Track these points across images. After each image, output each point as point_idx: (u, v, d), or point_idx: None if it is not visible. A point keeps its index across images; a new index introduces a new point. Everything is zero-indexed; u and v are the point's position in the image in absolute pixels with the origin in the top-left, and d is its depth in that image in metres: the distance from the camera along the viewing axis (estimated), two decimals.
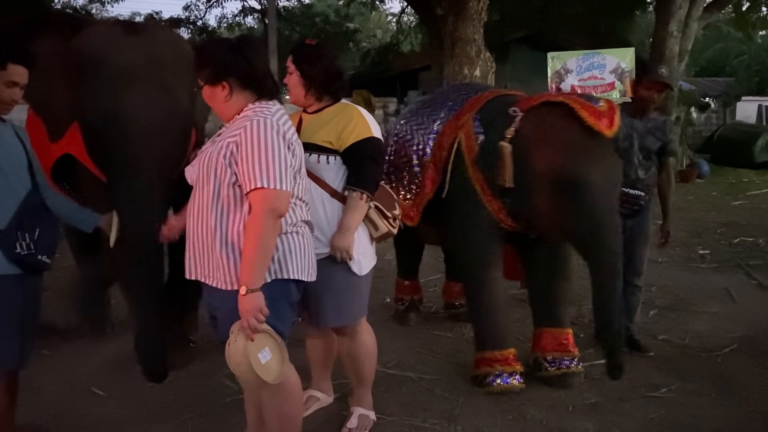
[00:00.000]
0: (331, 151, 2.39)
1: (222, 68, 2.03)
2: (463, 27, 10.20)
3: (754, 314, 4.04)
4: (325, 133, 2.40)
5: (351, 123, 2.40)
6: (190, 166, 2.15)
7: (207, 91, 2.09)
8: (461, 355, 3.48)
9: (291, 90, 2.47)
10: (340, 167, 2.42)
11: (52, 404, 2.99)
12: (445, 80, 10.59)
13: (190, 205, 2.11)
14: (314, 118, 2.48)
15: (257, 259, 1.92)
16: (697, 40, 14.52)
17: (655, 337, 3.69)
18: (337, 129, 2.39)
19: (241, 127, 1.98)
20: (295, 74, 2.44)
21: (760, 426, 2.68)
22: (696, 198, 9.20)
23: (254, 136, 1.94)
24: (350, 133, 2.39)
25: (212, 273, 2.05)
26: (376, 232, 2.53)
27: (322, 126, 2.42)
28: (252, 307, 1.91)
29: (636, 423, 2.72)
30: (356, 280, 2.49)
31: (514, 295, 4.44)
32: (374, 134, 2.44)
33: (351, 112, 2.46)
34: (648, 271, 5.13)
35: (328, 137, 2.39)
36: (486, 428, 2.70)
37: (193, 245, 2.09)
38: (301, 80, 2.44)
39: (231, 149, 1.98)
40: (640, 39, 14.42)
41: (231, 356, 1.96)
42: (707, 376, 3.18)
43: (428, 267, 5.38)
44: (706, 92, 17.57)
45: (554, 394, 2.99)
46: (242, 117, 2.04)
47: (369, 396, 2.75)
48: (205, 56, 2.06)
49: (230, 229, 2.00)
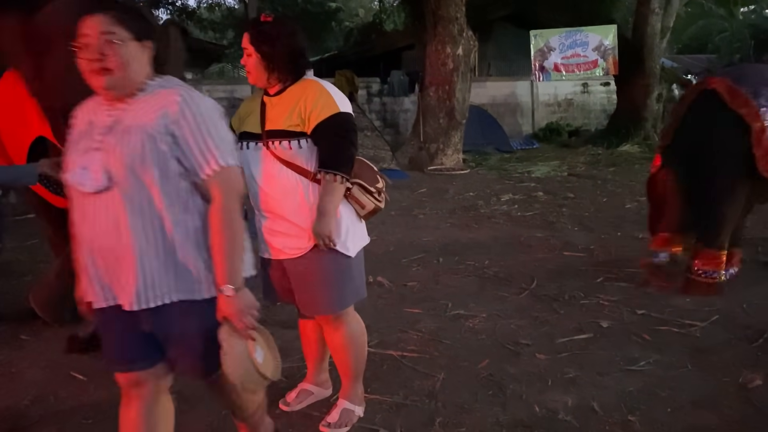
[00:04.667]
0: (300, 134, 2.23)
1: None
2: (445, 6, 10.17)
3: (732, 289, 4.08)
4: (291, 116, 2.23)
5: (315, 99, 2.22)
6: (81, 169, 1.66)
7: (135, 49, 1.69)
8: (443, 332, 3.50)
9: (251, 73, 2.27)
10: (313, 148, 2.26)
11: (32, 388, 2.97)
12: (427, 59, 10.57)
13: (104, 220, 1.66)
14: (277, 101, 2.30)
15: (237, 251, 1.72)
16: (679, 17, 14.57)
17: (634, 311, 3.72)
18: (302, 109, 2.22)
19: (168, 104, 1.65)
20: (254, 56, 2.23)
21: (735, 397, 2.73)
22: None
23: (197, 110, 1.66)
24: (316, 111, 2.21)
25: (176, 288, 1.71)
26: (362, 210, 2.40)
27: (287, 109, 2.25)
28: (246, 305, 1.72)
29: (614, 396, 2.75)
30: (346, 263, 2.37)
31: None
32: (342, 109, 2.24)
33: (314, 89, 2.26)
34: (628, 246, 5.23)
35: (293, 119, 2.23)
36: (466, 404, 2.72)
37: (136, 266, 1.66)
38: (262, 63, 2.23)
39: (171, 131, 1.63)
40: (623, 16, 14.40)
41: (234, 366, 1.75)
42: (685, 349, 3.22)
43: (411, 246, 5.41)
44: (689, 69, 17.69)
45: (533, 370, 3.02)
46: (154, 94, 1.69)
47: (358, 389, 2.62)
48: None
49: (191, 227, 1.71)
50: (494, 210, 7.11)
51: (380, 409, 2.69)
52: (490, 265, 4.79)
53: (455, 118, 10.54)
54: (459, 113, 10.56)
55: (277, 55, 2.22)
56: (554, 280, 4.37)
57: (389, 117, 13.89)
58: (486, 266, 4.77)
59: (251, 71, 2.27)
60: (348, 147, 2.27)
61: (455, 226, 6.33)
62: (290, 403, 2.70)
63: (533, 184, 8.83)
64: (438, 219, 6.68)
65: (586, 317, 3.67)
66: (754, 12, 23.19)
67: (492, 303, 3.97)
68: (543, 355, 3.18)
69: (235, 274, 1.70)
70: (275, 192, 2.27)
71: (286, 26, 2.27)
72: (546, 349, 3.25)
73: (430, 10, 10.33)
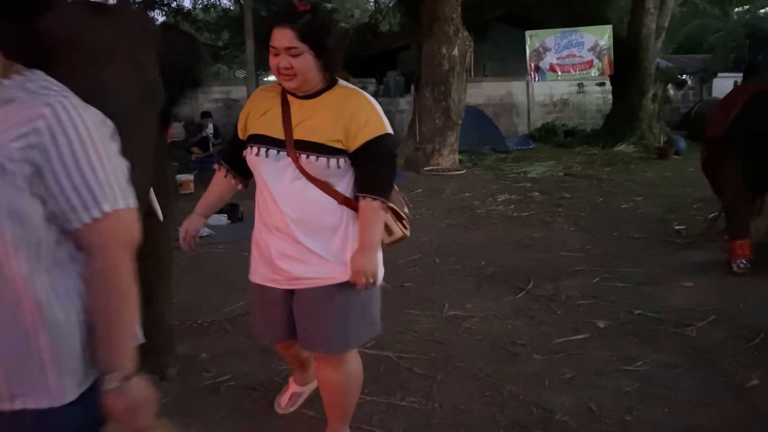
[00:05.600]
0: (340, 152, 1.93)
1: None
2: (441, 6, 10.17)
3: (728, 288, 4.10)
4: (330, 128, 1.92)
5: (362, 115, 1.93)
6: None
7: None
8: (439, 333, 3.50)
9: (297, 76, 1.89)
10: (349, 169, 1.98)
11: None
12: (422, 60, 10.57)
13: None
14: (311, 106, 1.96)
15: (126, 327, 1.20)
16: (674, 17, 14.61)
17: (631, 311, 3.73)
18: (344, 122, 1.91)
19: (29, 119, 1.08)
20: (306, 54, 1.86)
21: (731, 396, 2.73)
22: (673, 174, 9.29)
23: (72, 130, 1.10)
24: (362, 128, 1.92)
25: (33, 387, 1.13)
26: (389, 237, 2.12)
27: (328, 119, 1.93)
28: (140, 399, 1.20)
29: (611, 396, 2.75)
30: (369, 297, 2.11)
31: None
32: (388, 130, 1.99)
33: (360, 101, 1.97)
34: (624, 246, 5.24)
35: (337, 134, 1.91)
36: (463, 405, 2.72)
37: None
38: (318, 62, 1.88)
39: (32, 159, 1.07)
40: (618, 16, 14.43)
41: None
42: (681, 348, 3.23)
43: (408, 247, 5.40)
44: (684, 69, 17.70)
45: (530, 370, 3.02)
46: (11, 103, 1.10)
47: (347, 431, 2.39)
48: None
49: (62, 297, 1.14)
50: (490, 210, 7.11)
51: (377, 411, 2.69)
52: (486, 266, 4.79)
53: (451, 119, 10.54)
54: (455, 113, 10.57)
55: (333, 50, 1.91)
56: (551, 280, 4.37)
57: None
58: (482, 266, 4.77)
59: (299, 74, 1.88)
60: (392, 173, 2.04)
61: (452, 226, 6.33)
62: (284, 407, 2.67)
63: (529, 184, 8.84)
64: (434, 219, 6.68)
65: (582, 317, 3.67)
66: (749, 12, 23.25)
67: (489, 303, 3.96)
68: (540, 355, 3.18)
69: (124, 357, 1.19)
70: (296, 212, 1.97)
71: (330, 16, 2.02)
72: (543, 349, 3.25)
73: (426, 10, 10.33)
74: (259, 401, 2.77)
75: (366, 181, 1.96)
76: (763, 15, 22.94)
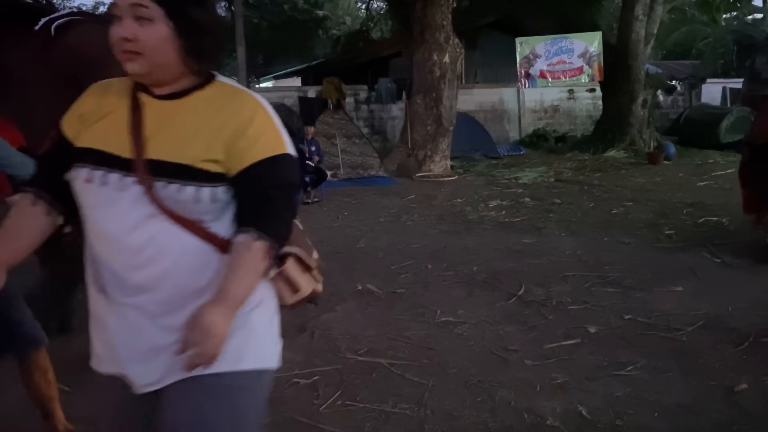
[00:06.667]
0: (218, 177, 1.27)
1: None
2: (432, 13, 10.24)
3: (718, 293, 4.13)
4: (204, 142, 1.26)
5: (252, 126, 1.29)
6: None
7: None
8: (431, 340, 3.51)
9: (144, 55, 1.24)
10: (231, 202, 1.31)
11: (19, 400, 2.94)
12: (414, 67, 10.62)
13: None
14: (171, 109, 1.31)
15: None
16: (662, 24, 14.73)
17: (621, 316, 3.75)
18: (225, 135, 1.27)
19: None
20: (161, 24, 1.24)
21: (721, 400, 2.75)
22: (663, 179, 9.35)
23: None
24: (251, 143, 1.28)
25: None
26: (293, 296, 1.43)
27: (194, 127, 1.28)
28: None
29: (601, 401, 2.77)
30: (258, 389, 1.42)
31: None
32: (288, 150, 1.33)
33: (249, 105, 1.32)
34: (615, 251, 5.27)
35: (213, 151, 1.26)
36: (455, 411, 2.72)
37: None
38: (175, 38, 1.25)
39: None
40: (608, 23, 14.53)
41: None
42: (672, 353, 3.25)
43: (400, 253, 5.41)
44: (673, 75, 17.85)
45: (522, 376, 3.03)
46: None
47: None
48: None
49: None
50: (482, 216, 7.13)
51: (370, 418, 2.69)
52: (478, 271, 4.81)
53: (443, 125, 10.59)
54: (446, 120, 10.61)
55: (208, 31, 1.30)
56: (542, 285, 4.39)
57: (377, 124, 13.91)
58: (474, 272, 4.79)
59: (145, 51, 1.24)
60: (290, 208, 1.35)
61: (444, 232, 6.35)
62: None
63: (520, 190, 8.88)
64: (426, 225, 6.69)
65: (573, 323, 3.68)
66: (737, 18, 23.47)
67: (480, 309, 3.98)
68: (531, 360, 3.20)
69: None
70: (154, 266, 1.27)
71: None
72: (534, 354, 3.27)
73: (417, 17, 10.39)
74: None
75: (250, 214, 1.29)
76: (751, 21, 23.16)
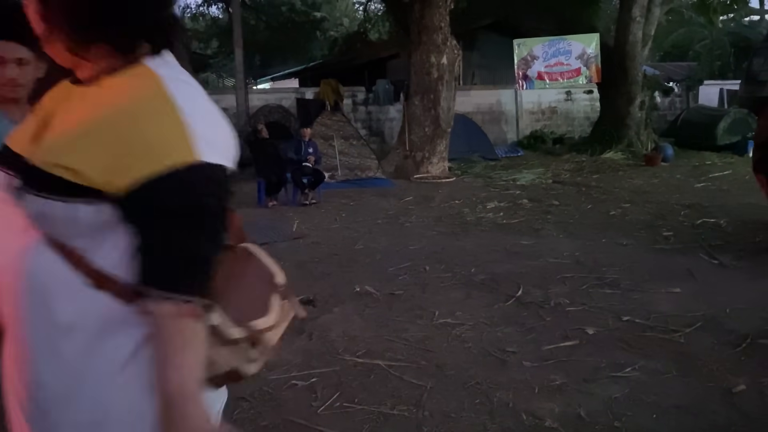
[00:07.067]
0: (96, 194, 0.86)
1: None
2: (430, 15, 10.24)
3: (715, 294, 4.13)
4: (84, 143, 0.88)
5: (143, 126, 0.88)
6: None
7: None
8: (430, 341, 3.50)
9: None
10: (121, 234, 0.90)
11: None
12: (411, 68, 10.63)
13: None
14: (77, 94, 0.96)
15: None
16: (660, 25, 14.75)
17: (619, 318, 3.75)
18: (111, 136, 0.87)
19: None
20: None
21: (719, 401, 2.75)
22: (661, 181, 9.37)
23: None
24: (143, 152, 0.86)
25: None
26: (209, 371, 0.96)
27: (75, 120, 0.91)
28: None
29: (600, 402, 2.76)
30: None
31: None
32: (204, 156, 0.88)
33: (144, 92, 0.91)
34: (613, 253, 5.27)
35: (94, 156, 0.87)
36: (453, 413, 2.72)
37: None
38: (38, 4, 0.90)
39: None
40: (605, 25, 14.56)
41: None
42: (670, 354, 3.24)
43: (398, 255, 5.41)
44: (670, 76, 17.89)
45: (520, 377, 3.03)
46: None
47: None
48: None
49: None
50: (480, 217, 7.13)
51: (368, 420, 2.68)
52: (476, 273, 4.80)
53: (440, 127, 10.60)
54: (444, 122, 10.62)
55: None
56: (540, 287, 4.39)
57: (375, 126, 13.93)
58: (472, 274, 4.79)
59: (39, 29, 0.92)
60: (205, 243, 0.91)
61: (442, 233, 6.35)
62: None
63: (518, 191, 8.88)
64: (424, 227, 6.69)
65: (571, 324, 3.68)
66: (734, 20, 23.54)
67: (478, 311, 3.97)
68: (529, 362, 3.19)
69: None
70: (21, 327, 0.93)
71: None
72: (532, 356, 3.26)
73: (415, 19, 10.40)
74: (248, 411, 2.76)
75: (148, 262, 0.89)
76: (748, 23, 23.22)
